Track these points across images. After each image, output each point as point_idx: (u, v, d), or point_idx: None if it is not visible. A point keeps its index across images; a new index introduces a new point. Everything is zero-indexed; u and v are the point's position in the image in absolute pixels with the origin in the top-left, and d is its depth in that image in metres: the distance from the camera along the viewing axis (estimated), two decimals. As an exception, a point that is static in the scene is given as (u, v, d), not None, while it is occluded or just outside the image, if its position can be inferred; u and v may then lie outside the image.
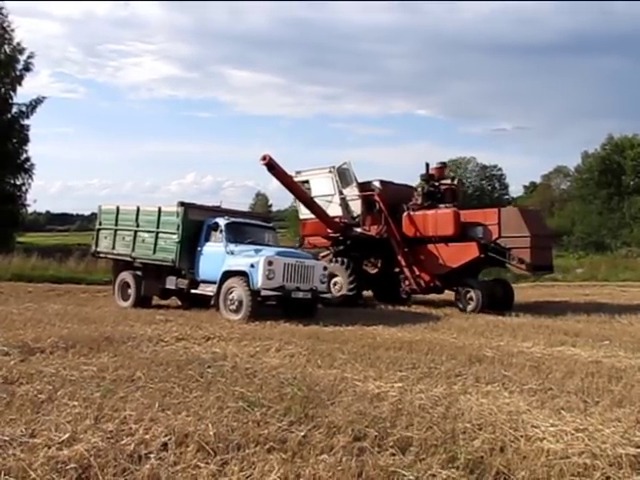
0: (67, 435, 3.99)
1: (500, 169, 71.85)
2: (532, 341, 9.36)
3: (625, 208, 46.75)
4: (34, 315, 10.61)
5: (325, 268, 12.96)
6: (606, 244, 44.70)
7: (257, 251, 12.06)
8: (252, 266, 11.57)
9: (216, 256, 12.52)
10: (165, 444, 3.93)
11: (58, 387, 5.29)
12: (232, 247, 12.44)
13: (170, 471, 3.54)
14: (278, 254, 11.99)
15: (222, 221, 12.95)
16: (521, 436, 4.37)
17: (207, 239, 13.05)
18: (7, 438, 3.93)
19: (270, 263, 11.48)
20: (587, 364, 7.48)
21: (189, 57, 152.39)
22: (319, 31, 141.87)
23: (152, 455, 3.75)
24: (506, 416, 4.91)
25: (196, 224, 13.21)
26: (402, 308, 15.57)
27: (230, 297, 11.75)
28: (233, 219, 13.34)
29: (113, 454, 3.70)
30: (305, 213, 17.38)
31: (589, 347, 8.92)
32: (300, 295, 11.95)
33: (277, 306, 12.29)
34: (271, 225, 15.35)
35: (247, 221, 14.09)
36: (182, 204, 13.31)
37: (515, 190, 75.86)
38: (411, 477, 3.54)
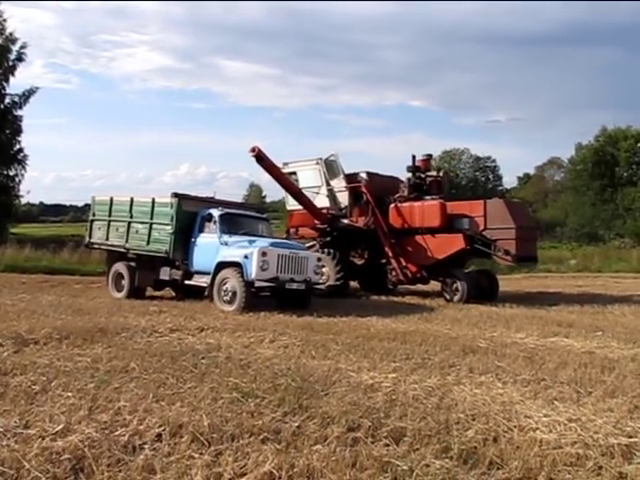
0: (61, 426, 3.98)
1: (494, 160, 71.93)
2: (525, 332, 9.37)
3: (618, 199, 46.81)
4: (28, 306, 10.58)
5: (319, 259, 12.98)
6: (599, 235, 44.86)
7: (251, 242, 12.04)
8: (246, 257, 11.56)
9: (210, 247, 12.50)
10: (159, 435, 3.93)
11: (52, 378, 5.27)
12: (226, 238, 12.42)
13: (164, 462, 3.53)
14: (272, 245, 12.00)
15: (216, 212, 12.93)
16: (514, 426, 4.39)
17: (201, 230, 13.03)
18: (1, 429, 3.92)
19: (264, 254, 11.47)
20: (580, 355, 7.51)
21: (183, 48, 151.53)
22: (313, 22, 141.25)
23: (146, 446, 3.75)
24: (499, 406, 4.93)
25: (190, 215, 13.19)
26: (395, 299, 15.59)
27: (224, 288, 11.75)
28: (227, 210, 13.31)
29: (107, 445, 3.70)
30: (292, 204, 17.35)
31: (582, 338, 8.95)
32: (294, 286, 11.96)
33: (271, 297, 12.28)
34: (265, 216, 15.36)
35: (241, 212, 14.09)
36: (176, 195, 13.28)
37: (509, 181, 76.32)
38: (405, 467, 3.54)
